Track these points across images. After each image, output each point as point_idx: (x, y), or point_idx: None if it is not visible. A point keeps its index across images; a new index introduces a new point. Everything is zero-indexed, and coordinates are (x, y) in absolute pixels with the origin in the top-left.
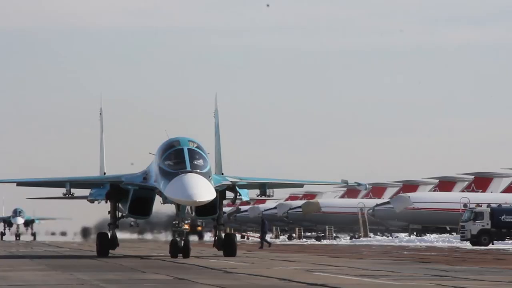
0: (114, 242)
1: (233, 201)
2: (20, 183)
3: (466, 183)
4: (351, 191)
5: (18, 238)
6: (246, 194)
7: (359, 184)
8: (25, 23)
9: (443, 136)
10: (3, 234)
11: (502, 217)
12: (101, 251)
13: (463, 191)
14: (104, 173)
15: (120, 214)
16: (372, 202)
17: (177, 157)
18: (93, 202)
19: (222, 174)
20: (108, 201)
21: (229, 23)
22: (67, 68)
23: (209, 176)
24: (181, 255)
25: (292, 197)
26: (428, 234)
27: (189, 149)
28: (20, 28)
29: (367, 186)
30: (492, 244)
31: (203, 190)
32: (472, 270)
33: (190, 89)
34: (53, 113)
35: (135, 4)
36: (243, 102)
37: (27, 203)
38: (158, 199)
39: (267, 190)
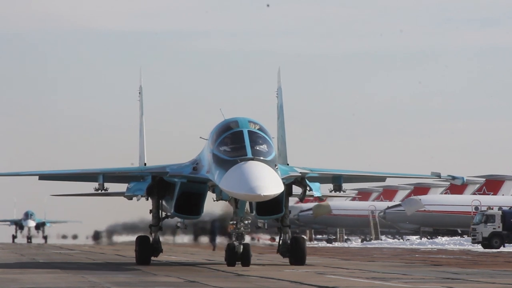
0: (157, 247)
1: (302, 197)
2: (43, 176)
3: (477, 185)
4: (363, 194)
5: (29, 241)
6: (318, 189)
7: (454, 178)
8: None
9: (454, 139)
10: (14, 237)
11: None
12: (141, 258)
13: (474, 193)
14: (145, 164)
15: (163, 213)
16: (383, 204)
17: (235, 142)
18: (131, 199)
19: (287, 164)
20: (149, 197)
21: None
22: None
23: (275, 165)
24: (239, 263)
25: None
26: (439, 237)
27: (250, 132)
28: (47, 28)
29: (464, 179)
30: (504, 246)
31: (268, 182)
32: (483, 273)
33: (248, 66)
34: (80, 98)
35: (146, 8)
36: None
37: (38, 206)
38: (210, 195)
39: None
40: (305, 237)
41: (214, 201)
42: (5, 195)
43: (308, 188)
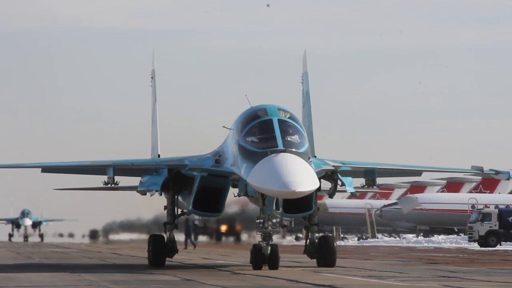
0: (172, 247)
1: (332, 193)
2: (46, 168)
3: (474, 184)
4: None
5: (26, 239)
6: (351, 184)
7: (498, 172)
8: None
9: (450, 137)
10: (11, 235)
11: (510, 218)
12: (155, 259)
13: (470, 192)
14: (158, 156)
15: (179, 210)
16: (380, 203)
17: (264, 131)
18: (145, 194)
19: (315, 156)
20: (162, 192)
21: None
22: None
23: (309, 158)
24: (266, 265)
25: None
26: (435, 235)
27: (280, 121)
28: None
29: (510, 174)
30: (500, 245)
31: (303, 177)
32: (479, 271)
33: (248, 65)
34: (82, 91)
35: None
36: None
37: (35, 204)
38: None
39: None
40: (300, 235)
41: (235, 196)
42: (1, 193)
43: (340, 183)
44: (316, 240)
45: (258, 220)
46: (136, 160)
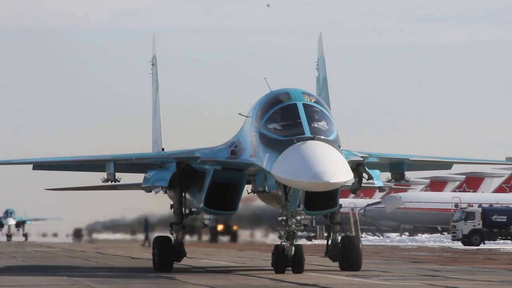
0: (180, 250)
1: (357, 188)
2: (38, 165)
3: (458, 183)
4: (343, 191)
5: (9, 239)
6: (378, 177)
7: None
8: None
9: (434, 136)
10: None
11: (494, 217)
12: (162, 263)
13: (454, 191)
14: (163, 149)
15: (185, 209)
16: (363, 202)
17: (288, 118)
18: (150, 191)
19: None
20: (168, 189)
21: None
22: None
23: (339, 147)
24: (289, 268)
25: None
26: (419, 234)
27: (305, 105)
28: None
29: None
30: (483, 244)
31: (335, 167)
32: (463, 270)
33: (272, 47)
34: (83, 72)
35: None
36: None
37: (18, 204)
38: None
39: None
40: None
41: (248, 193)
42: None
43: (366, 176)
44: (339, 241)
45: (281, 218)
46: (139, 154)
